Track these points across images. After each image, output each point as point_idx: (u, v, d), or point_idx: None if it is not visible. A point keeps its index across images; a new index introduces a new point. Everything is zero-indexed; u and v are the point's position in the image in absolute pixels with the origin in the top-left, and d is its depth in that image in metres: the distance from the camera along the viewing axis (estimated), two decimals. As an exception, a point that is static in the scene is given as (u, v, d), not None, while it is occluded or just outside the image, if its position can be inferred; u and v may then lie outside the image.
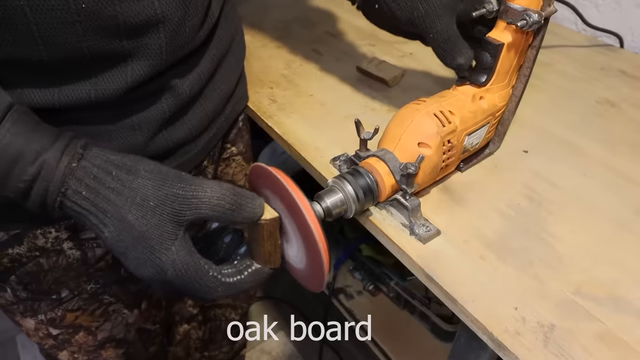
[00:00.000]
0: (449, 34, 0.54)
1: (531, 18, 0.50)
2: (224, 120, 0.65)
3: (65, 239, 0.54)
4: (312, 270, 0.44)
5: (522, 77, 0.57)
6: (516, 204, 0.56)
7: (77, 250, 0.56)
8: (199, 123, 0.58)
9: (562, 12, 0.96)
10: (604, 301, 0.46)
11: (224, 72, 0.61)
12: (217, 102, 0.61)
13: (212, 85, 0.59)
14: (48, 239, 0.53)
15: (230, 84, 0.64)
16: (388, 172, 0.50)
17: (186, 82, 0.53)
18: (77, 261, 0.56)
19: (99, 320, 0.63)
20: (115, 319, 0.64)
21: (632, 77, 0.82)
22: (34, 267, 0.55)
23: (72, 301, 0.59)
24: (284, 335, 1.46)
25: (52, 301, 0.58)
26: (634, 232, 0.53)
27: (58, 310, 0.59)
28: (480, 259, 0.50)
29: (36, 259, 0.54)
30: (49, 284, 0.56)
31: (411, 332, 1.03)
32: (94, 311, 0.61)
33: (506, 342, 0.43)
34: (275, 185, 0.43)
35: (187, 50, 0.51)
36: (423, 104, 0.53)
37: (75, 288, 0.58)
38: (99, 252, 0.57)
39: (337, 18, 0.97)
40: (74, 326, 0.61)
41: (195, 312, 0.94)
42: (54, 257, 0.55)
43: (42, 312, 0.59)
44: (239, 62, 0.67)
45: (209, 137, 0.62)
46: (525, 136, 0.66)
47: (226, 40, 0.61)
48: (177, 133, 0.55)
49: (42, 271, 0.55)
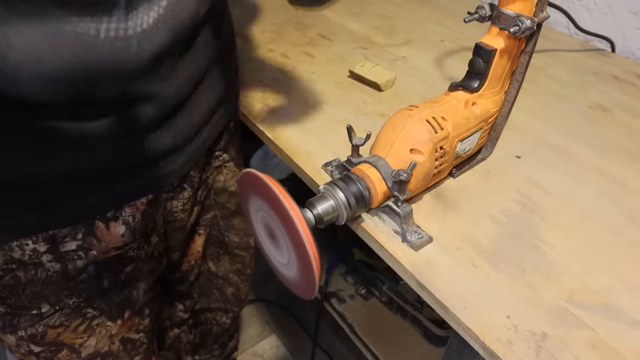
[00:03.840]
0: None
1: (524, 24, 0.49)
2: (211, 129, 0.63)
3: (44, 252, 0.52)
4: (303, 277, 0.44)
5: (514, 82, 0.57)
6: (509, 210, 0.56)
7: (56, 263, 0.54)
8: (183, 131, 0.56)
9: (554, 16, 0.96)
10: (596, 309, 0.46)
11: (213, 79, 0.60)
12: (204, 110, 0.59)
13: (199, 92, 0.57)
14: (25, 251, 0.52)
15: (218, 92, 0.62)
16: (380, 179, 0.50)
17: (170, 88, 0.51)
18: (57, 274, 0.55)
19: (83, 337, 0.61)
20: (100, 333, 0.62)
21: (624, 82, 0.82)
22: (11, 280, 0.53)
23: (54, 316, 0.57)
24: (276, 339, 1.46)
25: (32, 316, 0.56)
26: (626, 239, 0.53)
27: (39, 326, 0.57)
28: (473, 266, 0.49)
29: (13, 272, 0.52)
30: (28, 298, 0.55)
31: (403, 336, 1.02)
32: (77, 327, 0.60)
33: (498, 351, 0.42)
34: (265, 192, 0.42)
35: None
36: (415, 109, 0.53)
37: (57, 303, 0.57)
38: (79, 264, 0.55)
39: (330, 21, 0.97)
40: (56, 344, 0.59)
41: (185, 316, 0.94)
42: (32, 270, 0.53)
43: (22, 327, 0.57)
44: (228, 68, 0.65)
45: (196, 146, 0.60)
46: (518, 141, 0.66)
47: (214, 45, 0.59)
48: (159, 142, 0.53)
49: (20, 285, 0.53)
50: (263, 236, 0.49)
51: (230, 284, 0.91)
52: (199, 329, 0.98)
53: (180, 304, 0.92)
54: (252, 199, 0.47)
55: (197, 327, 0.98)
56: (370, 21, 0.98)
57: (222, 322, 0.98)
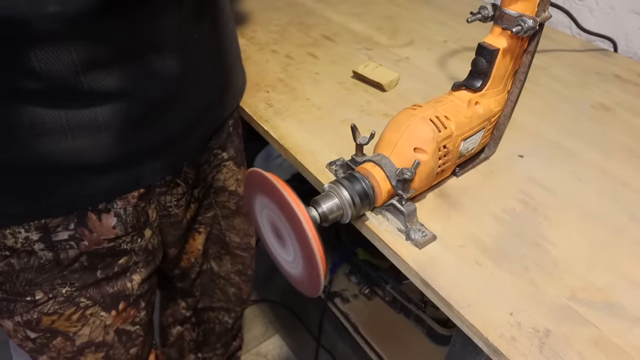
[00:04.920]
0: None
1: (526, 24, 0.50)
2: (207, 125, 0.64)
3: (36, 240, 0.53)
4: (308, 275, 0.44)
5: (517, 82, 0.57)
6: (512, 208, 0.56)
7: (49, 252, 0.55)
8: (174, 127, 0.57)
9: (556, 16, 0.96)
10: (599, 306, 0.46)
11: (206, 76, 0.60)
12: (196, 107, 0.59)
13: (190, 89, 0.57)
14: (18, 239, 0.53)
15: (213, 90, 0.63)
16: (384, 177, 0.50)
17: (157, 84, 0.52)
18: (49, 262, 0.56)
19: (77, 325, 0.62)
20: (94, 323, 0.63)
21: (627, 82, 0.82)
22: (5, 266, 0.54)
23: (47, 304, 0.58)
24: (279, 339, 1.46)
25: (27, 303, 0.58)
26: (629, 237, 0.54)
27: (33, 312, 0.58)
28: (476, 264, 0.50)
29: (7, 259, 0.54)
30: (22, 285, 0.56)
31: (407, 335, 1.03)
32: (70, 315, 0.61)
33: (502, 347, 0.43)
34: (271, 191, 0.43)
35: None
36: (419, 109, 0.53)
37: (50, 291, 0.58)
38: (72, 254, 0.56)
39: (334, 22, 0.97)
40: (51, 331, 0.61)
41: (188, 314, 0.94)
42: (25, 257, 0.54)
43: (18, 313, 0.58)
44: (225, 67, 0.65)
45: (188, 143, 0.61)
46: (521, 141, 0.67)
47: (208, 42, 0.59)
48: (149, 137, 0.54)
49: (14, 271, 0.55)
50: (269, 234, 0.49)
51: (232, 284, 0.92)
52: (202, 327, 0.99)
53: (182, 302, 0.93)
54: (257, 198, 0.47)
55: (200, 325, 0.98)
56: (373, 22, 0.98)
57: (224, 321, 0.98)
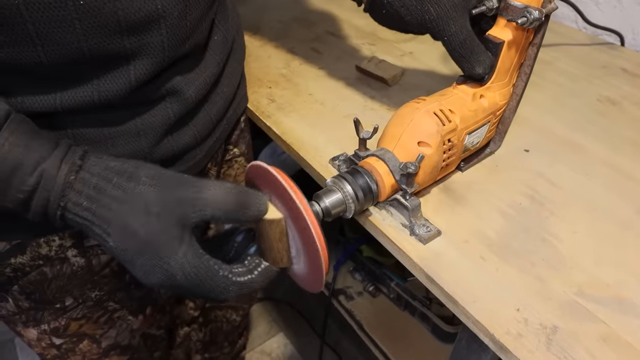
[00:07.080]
0: (463, 36, 0.52)
1: (532, 15, 0.49)
2: (226, 123, 0.64)
3: (70, 246, 0.53)
4: (311, 270, 0.43)
5: (523, 75, 0.57)
6: (517, 203, 0.55)
7: (81, 258, 0.55)
8: (203, 128, 0.57)
9: (562, 10, 0.95)
10: (607, 302, 0.46)
11: (228, 76, 0.61)
12: (221, 105, 0.60)
13: (216, 89, 0.58)
14: (52, 247, 0.52)
15: (232, 87, 0.63)
16: (388, 172, 0.49)
17: (192, 87, 0.52)
18: (81, 269, 0.55)
19: (104, 328, 0.62)
20: (120, 326, 0.63)
21: (634, 75, 0.81)
22: (38, 276, 0.54)
23: (77, 309, 0.58)
24: (283, 337, 1.46)
25: (56, 310, 0.57)
26: (636, 232, 0.53)
27: (62, 319, 0.58)
28: (482, 259, 0.49)
29: (39, 268, 0.53)
30: (53, 292, 0.56)
31: (412, 333, 1.02)
32: (98, 318, 0.61)
33: (508, 344, 0.42)
34: (273, 185, 0.42)
35: (189, 46, 0.50)
36: (423, 102, 0.52)
37: (80, 296, 0.58)
38: (103, 259, 0.56)
39: (337, 17, 0.97)
40: (78, 334, 0.60)
41: (196, 314, 0.94)
42: (58, 265, 0.54)
43: (46, 321, 0.58)
44: (240, 64, 0.66)
45: (212, 141, 0.61)
46: (527, 135, 0.66)
47: (228, 42, 0.60)
48: (182, 139, 0.54)
49: (46, 280, 0.54)
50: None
51: None
52: (209, 327, 0.98)
53: (190, 302, 0.92)
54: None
55: (208, 325, 0.98)
56: (376, 17, 0.97)
57: (232, 319, 0.98)
